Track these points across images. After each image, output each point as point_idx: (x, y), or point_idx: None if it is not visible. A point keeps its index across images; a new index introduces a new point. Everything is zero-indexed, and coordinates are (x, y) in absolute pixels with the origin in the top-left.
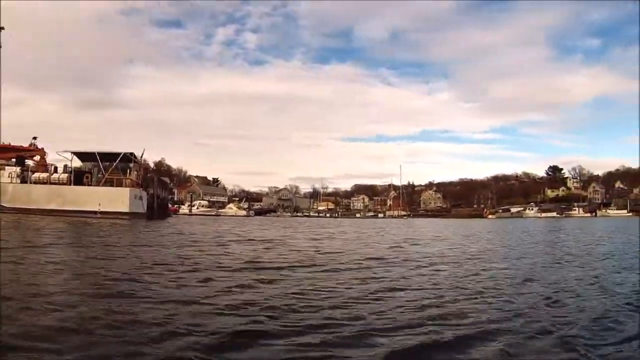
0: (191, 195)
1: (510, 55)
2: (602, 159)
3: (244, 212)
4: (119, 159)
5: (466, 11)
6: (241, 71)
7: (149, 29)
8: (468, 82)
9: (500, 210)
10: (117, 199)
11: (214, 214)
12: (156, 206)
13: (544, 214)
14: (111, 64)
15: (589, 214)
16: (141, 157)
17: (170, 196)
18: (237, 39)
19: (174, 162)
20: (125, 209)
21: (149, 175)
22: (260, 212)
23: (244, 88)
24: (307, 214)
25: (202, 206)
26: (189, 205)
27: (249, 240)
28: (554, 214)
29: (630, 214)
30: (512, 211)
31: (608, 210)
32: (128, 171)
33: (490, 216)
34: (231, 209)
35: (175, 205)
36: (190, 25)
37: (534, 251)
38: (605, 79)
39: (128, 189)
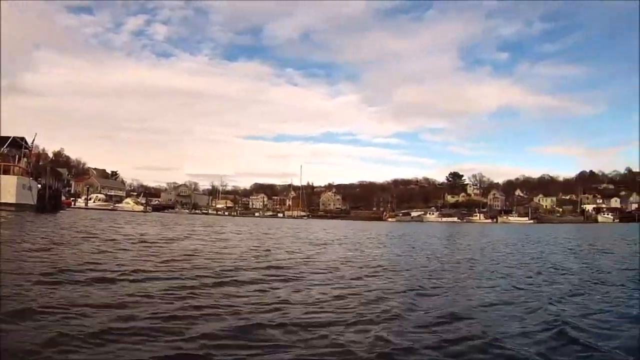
0: (88, 188)
1: (419, 63)
2: (503, 168)
3: (141, 208)
4: (6, 144)
5: (378, 17)
6: (148, 63)
7: (58, 14)
8: (375, 86)
9: (401, 214)
10: (2, 188)
11: (110, 208)
12: (48, 198)
13: (444, 219)
14: (14, 47)
15: (489, 220)
16: (32, 142)
17: (66, 188)
18: (146, 30)
19: (73, 153)
20: (12, 200)
21: (41, 164)
22: (158, 208)
23: (150, 81)
24: (206, 212)
25: (99, 200)
26: (85, 199)
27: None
28: (455, 219)
29: (532, 221)
30: (412, 215)
31: (509, 217)
32: (17, 158)
33: (390, 219)
34: (128, 203)
35: (71, 198)
36: (101, 12)
37: None
38: (511, 92)
39: (15, 177)
